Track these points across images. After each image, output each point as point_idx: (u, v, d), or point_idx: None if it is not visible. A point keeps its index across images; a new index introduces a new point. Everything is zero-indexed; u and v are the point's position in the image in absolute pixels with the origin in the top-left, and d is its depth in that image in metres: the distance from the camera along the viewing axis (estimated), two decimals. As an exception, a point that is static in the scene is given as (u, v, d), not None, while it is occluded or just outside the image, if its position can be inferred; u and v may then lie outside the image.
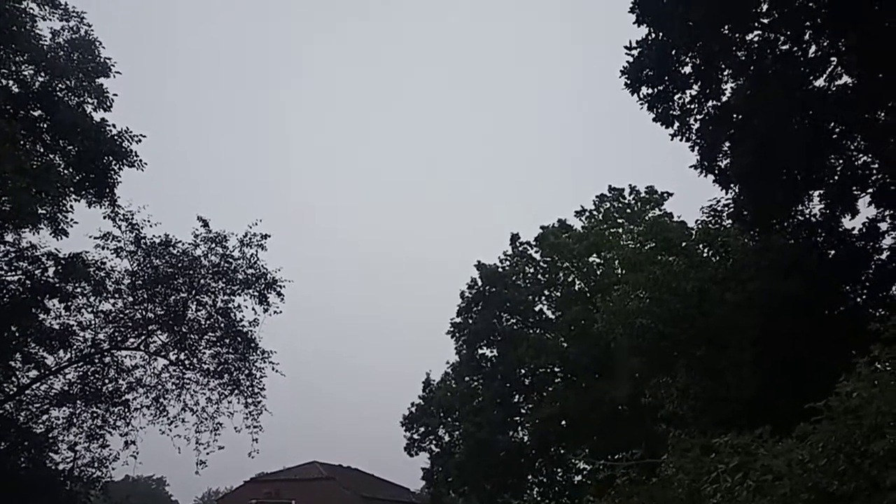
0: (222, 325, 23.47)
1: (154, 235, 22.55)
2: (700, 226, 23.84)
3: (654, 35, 17.83)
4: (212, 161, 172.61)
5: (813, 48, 17.48)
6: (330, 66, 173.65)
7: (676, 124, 18.81)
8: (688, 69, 18.23)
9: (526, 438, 38.62)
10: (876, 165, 18.61)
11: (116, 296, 22.77)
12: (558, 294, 38.90)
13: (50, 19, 20.27)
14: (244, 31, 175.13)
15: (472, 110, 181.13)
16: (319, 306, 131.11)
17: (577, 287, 38.05)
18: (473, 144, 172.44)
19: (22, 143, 19.21)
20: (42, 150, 20.91)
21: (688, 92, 18.50)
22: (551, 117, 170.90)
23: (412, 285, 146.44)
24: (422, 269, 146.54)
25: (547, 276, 39.47)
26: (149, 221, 22.33)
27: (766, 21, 17.54)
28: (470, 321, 40.04)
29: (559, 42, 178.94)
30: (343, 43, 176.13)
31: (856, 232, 19.48)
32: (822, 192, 19.28)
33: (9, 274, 21.04)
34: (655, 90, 18.42)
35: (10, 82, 20.10)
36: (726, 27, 17.69)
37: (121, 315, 22.90)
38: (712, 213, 21.96)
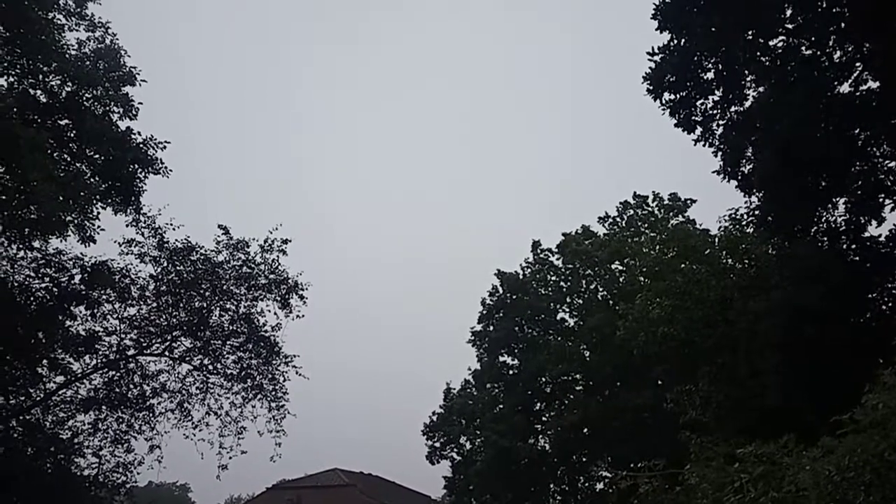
0: (245, 330, 23.61)
1: (176, 240, 22.75)
2: (723, 233, 23.71)
3: (676, 41, 17.82)
4: (231, 166, 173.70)
5: (837, 54, 17.36)
6: (342, 73, 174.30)
7: (699, 130, 18.78)
8: (710, 75, 18.20)
9: (547, 446, 38.53)
10: (902, 171, 18.43)
11: (141, 302, 22.98)
12: (580, 301, 38.81)
13: (76, 30, 20.53)
14: (253, 36, 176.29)
15: (494, 116, 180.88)
16: (342, 315, 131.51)
17: (599, 295, 37.93)
18: (491, 150, 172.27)
19: (49, 151, 19.46)
20: (69, 158, 21.14)
21: (710, 98, 18.48)
22: (576, 123, 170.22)
23: (435, 293, 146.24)
24: (446, 277, 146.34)
25: (569, 283, 39.40)
26: (171, 225, 22.53)
27: (790, 27, 17.45)
28: (491, 329, 40.06)
29: (584, 49, 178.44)
30: (354, 50, 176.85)
31: (882, 239, 19.24)
32: (846, 198, 19.07)
33: (36, 281, 21.30)
34: (678, 96, 18.41)
35: (38, 92, 20.36)
36: (749, 33, 17.62)
37: (145, 321, 23.09)
38: (734, 220, 21.84)
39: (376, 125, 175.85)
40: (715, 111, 18.54)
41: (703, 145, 18.96)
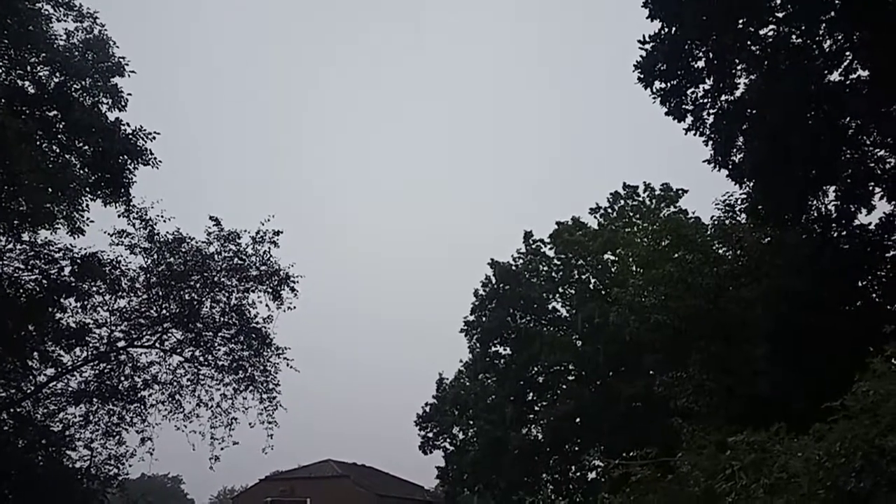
0: (236, 321, 23.56)
1: (167, 232, 22.68)
2: (715, 222, 23.77)
3: (667, 29, 17.79)
4: (223, 160, 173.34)
5: (828, 42, 17.37)
6: (346, 67, 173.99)
7: (690, 119, 18.75)
8: (701, 63, 18.18)
9: (540, 436, 38.61)
10: (892, 160, 18.48)
11: (131, 293, 22.88)
12: (572, 292, 38.83)
13: (64, 20, 20.38)
14: (259, 37, 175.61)
15: (483, 113, 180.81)
16: (335, 306, 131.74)
17: (591, 285, 37.97)
18: (483, 146, 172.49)
19: (38, 143, 19.33)
20: (58, 150, 21.01)
21: (701, 86, 18.45)
22: (563, 118, 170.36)
23: (433, 287, 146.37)
24: (439, 268, 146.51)
25: (561, 273, 39.40)
26: (162, 217, 22.45)
27: (780, 15, 17.45)
28: (483, 319, 40.06)
29: (572, 43, 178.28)
30: (358, 46, 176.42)
31: (872, 227, 19.32)
32: (837, 187, 19.13)
33: (25, 273, 21.18)
34: (668, 84, 18.38)
35: (26, 83, 20.23)
36: (740, 22, 17.61)
37: (136, 313, 23.02)
38: (727, 207, 21.89)
39: (379, 124, 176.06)
40: (706, 100, 18.52)
41: (694, 134, 18.94)
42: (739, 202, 21.21)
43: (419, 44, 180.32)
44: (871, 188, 18.64)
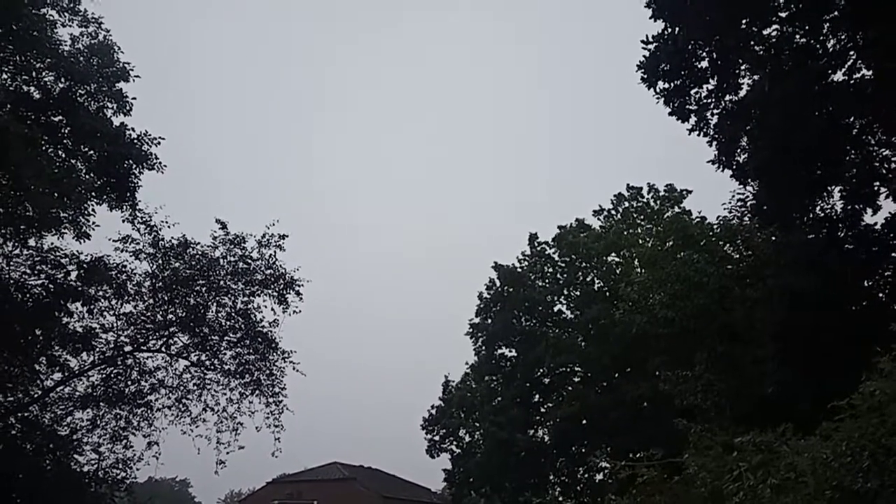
0: (242, 325, 23.57)
1: (172, 237, 22.67)
2: (721, 222, 23.74)
3: (670, 30, 17.79)
4: (228, 162, 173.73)
5: (832, 42, 17.34)
6: (346, 67, 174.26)
7: (693, 119, 18.75)
8: (704, 64, 18.19)
9: (546, 438, 38.61)
10: (897, 159, 18.44)
11: (137, 298, 22.90)
12: (577, 293, 38.82)
13: (69, 26, 20.45)
14: (262, 35, 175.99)
15: (483, 114, 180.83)
16: (342, 308, 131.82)
17: (596, 286, 37.95)
18: (484, 147, 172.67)
19: (43, 148, 19.38)
20: (63, 154, 21.09)
21: (705, 86, 18.45)
22: (562, 118, 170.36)
23: (432, 285, 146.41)
24: (445, 269, 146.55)
25: (565, 275, 39.41)
26: (167, 223, 22.45)
27: (783, 15, 17.43)
28: (489, 322, 40.08)
29: (572, 42, 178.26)
30: (359, 46, 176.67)
31: (877, 227, 19.26)
32: (842, 187, 19.08)
33: (32, 278, 21.23)
34: (672, 85, 18.37)
35: (31, 88, 20.28)
36: (743, 22, 17.60)
37: (142, 317, 23.04)
38: (739, 202, 21.83)
39: (381, 125, 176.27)
40: (709, 100, 18.52)
41: (698, 135, 18.95)
42: (750, 198, 21.19)
43: (420, 44, 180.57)
44: (876, 188, 18.60)
